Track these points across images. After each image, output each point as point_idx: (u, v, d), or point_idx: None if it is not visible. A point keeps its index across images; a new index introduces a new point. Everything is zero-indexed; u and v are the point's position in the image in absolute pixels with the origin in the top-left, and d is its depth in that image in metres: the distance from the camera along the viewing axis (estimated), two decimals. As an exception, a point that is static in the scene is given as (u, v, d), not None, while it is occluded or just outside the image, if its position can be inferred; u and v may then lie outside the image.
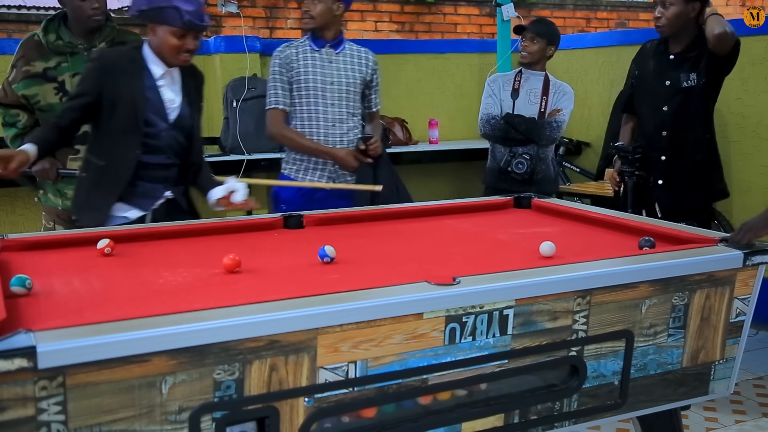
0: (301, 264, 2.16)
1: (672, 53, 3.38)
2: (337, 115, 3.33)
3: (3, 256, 2.16)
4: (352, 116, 3.39)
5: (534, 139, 3.76)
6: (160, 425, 1.47)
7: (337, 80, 3.32)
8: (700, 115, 3.41)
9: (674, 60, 3.37)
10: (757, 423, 3.02)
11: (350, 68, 3.36)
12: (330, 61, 3.32)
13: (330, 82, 3.30)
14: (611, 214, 2.70)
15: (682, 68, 3.34)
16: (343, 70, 3.34)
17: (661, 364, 2.09)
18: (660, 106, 3.40)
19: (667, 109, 3.38)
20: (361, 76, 3.40)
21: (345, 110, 3.35)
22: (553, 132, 3.77)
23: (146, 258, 2.23)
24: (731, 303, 2.15)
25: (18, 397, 1.34)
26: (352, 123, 3.39)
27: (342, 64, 3.34)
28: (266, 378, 1.56)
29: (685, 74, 3.33)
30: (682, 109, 3.36)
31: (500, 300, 1.78)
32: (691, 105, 3.36)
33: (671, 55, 3.39)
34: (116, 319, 1.49)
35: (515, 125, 3.75)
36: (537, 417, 1.92)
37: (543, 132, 3.75)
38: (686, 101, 3.35)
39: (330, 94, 3.31)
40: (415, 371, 1.71)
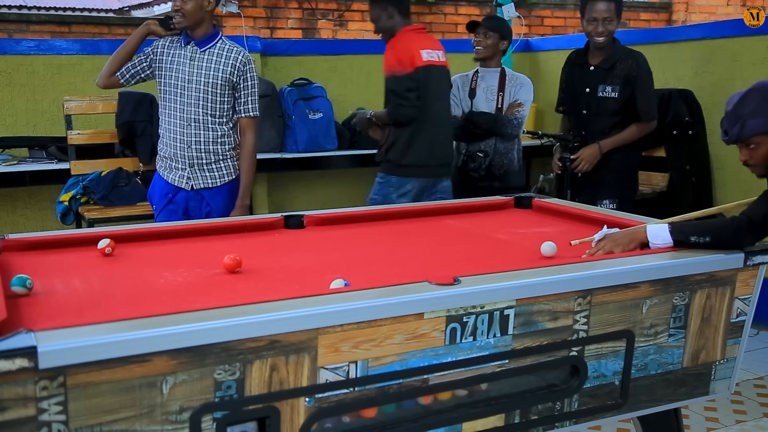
0: (302, 264, 2.16)
1: (592, 64, 3.71)
2: (193, 115, 3.17)
3: (3, 256, 2.16)
4: (214, 117, 3.20)
5: (497, 135, 3.86)
6: (160, 425, 1.48)
7: (197, 79, 3.16)
8: (616, 122, 3.69)
9: (593, 71, 3.69)
10: (758, 423, 3.03)
11: (213, 67, 3.17)
12: (192, 59, 3.17)
13: (188, 80, 3.16)
14: (611, 214, 2.70)
15: (600, 79, 3.66)
16: (205, 69, 3.16)
17: (662, 364, 2.09)
18: (581, 110, 3.74)
19: (586, 112, 3.72)
20: (224, 76, 3.18)
21: (203, 111, 3.17)
22: (514, 129, 3.89)
23: (147, 258, 2.23)
24: (732, 303, 2.16)
25: (19, 397, 1.34)
26: (212, 126, 3.20)
27: (205, 63, 3.17)
28: (267, 378, 1.56)
29: (602, 85, 3.65)
30: (597, 114, 3.68)
31: (501, 300, 1.78)
32: (606, 112, 3.66)
33: (591, 66, 3.71)
34: (117, 319, 1.49)
35: (478, 123, 3.84)
36: (538, 417, 1.92)
37: (505, 128, 3.86)
38: (601, 108, 3.66)
39: (188, 93, 3.16)
40: (415, 371, 1.71)
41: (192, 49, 3.18)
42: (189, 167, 3.22)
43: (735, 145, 2.27)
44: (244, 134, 3.30)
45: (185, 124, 3.18)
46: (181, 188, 3.25)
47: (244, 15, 5.25)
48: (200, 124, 3.18)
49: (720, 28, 4.44)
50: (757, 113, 2.18)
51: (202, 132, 3.19)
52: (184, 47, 3.19)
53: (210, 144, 3.21)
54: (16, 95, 4.27)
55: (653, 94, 3.71)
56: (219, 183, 3.27)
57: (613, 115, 3.64)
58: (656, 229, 2.16)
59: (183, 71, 3.16)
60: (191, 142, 3.19)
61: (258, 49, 4.76)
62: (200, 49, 3.18)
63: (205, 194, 3.26)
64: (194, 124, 3.17)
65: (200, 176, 3.24)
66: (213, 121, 3.20)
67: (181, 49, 3.19)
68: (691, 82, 4.21)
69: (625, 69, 3.61)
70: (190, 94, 3.16)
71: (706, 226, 2.15)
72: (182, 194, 3.25)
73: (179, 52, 3.19)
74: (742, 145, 2.25)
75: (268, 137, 4.36)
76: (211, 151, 3.22)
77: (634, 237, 2.17)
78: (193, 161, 3.21)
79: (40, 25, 5.09)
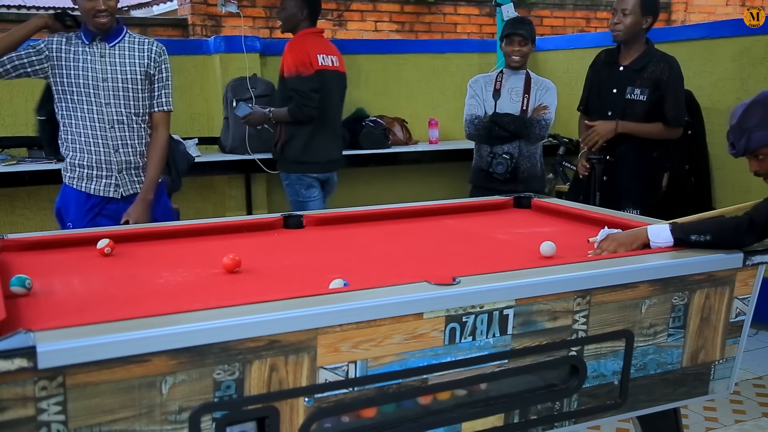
0: (301, 264, 2.16)
1: (622, 65, 3.59)
2: (115, 116, 2.95)
3: (2, 257, 2.16)
4: (135, 116, 3.00)
5: (523, 137, 3.79)
6: (160, 425, 1.48)
7: (112, 77, 2.93)
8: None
9: (623, 71, 3.58)
10: (757, 423, 3.03)
11: (128, 62, 2.95)
12: (102, 56, 2.92)
13: (102, 79, 2.91)
14: (611, 214, 2.70)
15: (629, 80, 3.55)
16: (119, 65, 2.94)
17: (661, 363, 2.09)
18: (606, 111, 3.61)
19: (612, 114, 3.58)
20: (143, 69, 2.98)
21: (125, 110, 2.96)
22: (542, 130, 3.81)
23: (146, 258, 2.23)
24: (731, 303, 2.16)
25: (18, 397, 1.34)
26: (136, 125, 3.01)
27: (118, 58, 2.94)
28: (266, 378, 1.56)
29: (631, 87, 3.54)
30: (623, 117, 3.55)
31: (500, 300, 1.78)
32: (633, 116, 3.54)
33: (621, 66, 3.59)
34: (116, 319, 1.49)
35: (503, 124, 3.77)
36: (537, 417, 1.92)
37: (532, 130, 3.78)
38: (629, 111, 3.55)
39: (104, 92, 2.92)
40: (414, 371, 1.71)
41: (100, 45, 2.93)
42: (117, 173, 2.99)
43: (743, 157, 2.29)
44: (157, 129, 3.07)
45: (107, 126, 2.94)
46: (110, 198, 3.01)
47: (243, 15, 5.25)
48: (124, 126, 2.97)
49: (719, 28, 4.44)
50: (762, 125, 2.20)
51: (127, 134, 2.98)
52: (89, 45, 2.92)
53: (137, 145, 3.02)
54: (15, 95, 4.28)
55: (683, 100, 3.60)
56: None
57: (640, 119, 3.52)
58: (657, 228, 2.17)
59: (94, 69, 2.91)
60: (117, 146, 2.97)
61: (257, 49, 4.77)
62: (109, 44, 2.94)
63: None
64: (117, 126, 2.95)
65: (129, 182, 3.03)
66: (136, 120, 3.00)
67: (85, 46, 2.92)
68: (690, 82, 4.20)
69: (656, 72, 3.49)
70: (107, 93, 2.93)
71: (707, 225, 2.16)
72: (112, 205, 3.00)
73: (84, 50, 2.92)
74: (751, 157, 2.27)
75: (268, 136, 4.36)
76: (139, 152, 3.03)
77: (636, 237, 2.18)
78: (122, 166, 3.00)
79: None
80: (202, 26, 5.32)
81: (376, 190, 4.99)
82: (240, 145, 4.46)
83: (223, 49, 4.71)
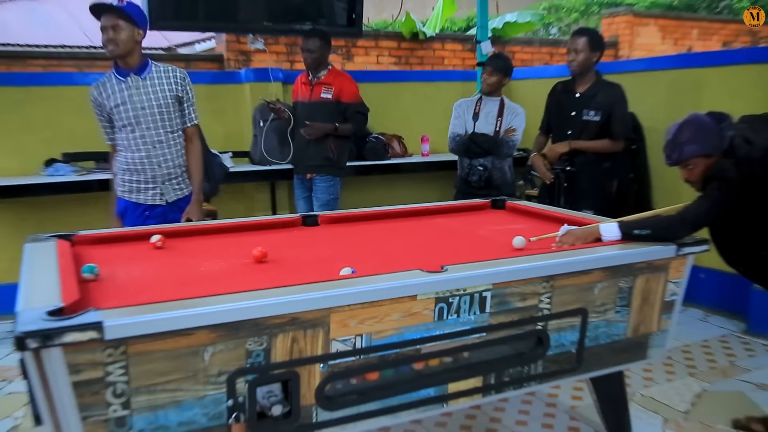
0: (317, 255, 2.17)
1: (578, 92, 3.61)
2: (155, 137, 2.91)
3: (76, 249, 2.17)
4: (171, 134, 2.95)
5: (494, 154, 3.83)
6: (203, 386, 1.49)
7: (149, 104, 2.88)
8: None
9: (579, 98, 3.60)
10: (684, 381, 3.03)
11: (160, 90, 2.91)
12: (137, 87, 2.87)
13: (141, 108, 2.87)
14: (571, 214, 2.70)
15: (585, 105, 3.57)
16: (152, 93, 2.89)
17: (610, 335, 2.10)
18: (566, 130, 3.63)
19: (571, 133, 3.61)
20: (172, 94, 2.93)
21: (163, 131, 2.92)
22: (510, 149, 3.85)
23: (190, 250, 2.24)
24: (666, 285, 2.16)
25: (89, 362, 1.36)
26: (173, 141, 2.96)
27: (150, 87, 2.90)
28: (289, 348, 1.57)
29: (587, 110, 3.56)
30: (581, 135, 3.58)
31: (480, 284, 1.79)
32: (588, 133, 3.56)
33: (577, 93, 3.61)
34: (167, 299, 1.50)
35: (479, 142, 3.83)
36: (509, 379, 1.93)
37: (502, 149, 3.83)
38: (585, 130, 3.56)
39: (144, 118, 2.88)
40: (410, 342, 1.72)
41: (134, 79, 2.87)
42: (161, 184, 2.96)
43: (676, 166, 2.29)
44: (191, 141, 3.04)
45: (150, 147, 2.91)
46: (156, 204, 2.98)
47: (269, 51, 5.24)
48: (164, 143, 2.93)
49: (656, 62, 4.43)
50: (691, 141, 2.21)
51: (167, 150, 2.94)
52: (124, 81, 2.87)
53: (176, 158, 2.98)
54: (84, 118, 4.23)
55: (627, 119, 3.62)
56: (188, 192, 3.05)
57: (595, 136, 3.55)
58: (608, 225, 2.18)
59: (133, 101, 2.86)
60: (160, 162, 2.93)
61: (280, 78, 4.75)
62: (140, 77, 2.89)
63: (180, 203, 3.03)
64: (158, 145, 2.92)
65: (172, 189, 2.99)
66: (173, 137, 2.96)
67: (121, 83, 2.87)
68: (634, 106, 4.19)
69: (607, 97, 3.52)
70: (146, 119, 2.88)
71: (648, 223, 2.17)
72: (159, 209, 2.98)
73: (120, 86, 2.87)
74: (682, 167, 2.28)
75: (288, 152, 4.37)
76: (178, 164, 2.99)
77: (590, 232, 2.18)
78: (165, 178, 2.96)
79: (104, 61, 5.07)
80: (235, 60, 5.31)
81: (377, 195, 4.98)
82: (265, 158, 4.46)
83: (252, 79, 4.70)
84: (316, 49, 3.90)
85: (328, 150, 3.96)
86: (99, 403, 1.38)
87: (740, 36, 8.24)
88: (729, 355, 3.38)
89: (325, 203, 3.99)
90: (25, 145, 4.17)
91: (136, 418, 1.42)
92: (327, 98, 3.93)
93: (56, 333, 1.30)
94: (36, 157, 4.18)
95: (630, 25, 7.68)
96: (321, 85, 3.95)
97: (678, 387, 3.00)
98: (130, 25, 2.80)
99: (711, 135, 2.21)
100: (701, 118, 2.26)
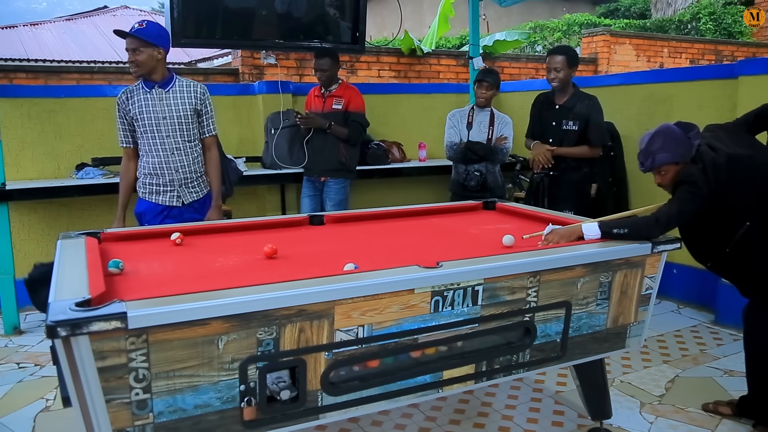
0: (323, 252, 2.15)
1: (558, 104, 3.61)
2: (173, 144, 2.92)
3: (103, 245, 2.16)
4: (189, 143, 2.96)
5: (489, 160, 3.84)
6: (217, 372, 1.47)
7: (169, 115, 2.90)
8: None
9: (559, 109, 3.60)
10: (659, 368, 3.02)
11: (180, 102, 2.93)
12: (161, 99, 2.90)
13: (163, 118, 2.89)
14: (554, 214, 2.69)
15: (564, 115, 3.57)
16: (174, 105, 2.92)
17: (591, 326, 2.08)
18: (548, 139, 3.63)
19: (552, 141, 3.61)
20: (192, 107, 2.95)
21: (181, 140, 2.93)
22: (503, 155, 3.87)
23: (206, 247, 2.22)
24: (642, 280, 2.15)
25: (114, 349, 1.35)
26: (190, 149, 2.97)
27: (172, 100, 2.92)
28: (296, 337, 1.55)
29: (566, 120, 3.56)
30: (561, 143, 3.58)
31: (473, 279, 1.77)
32: (568, 141, 3.57)
33: (557, 105, 3.61)
34: (185, 292, 1.49)
35: (476, 150, 3.83)
36: (499, 366, 1.92)
37: (496, 155, 3.84)
38: (565, 138, 3.57)
39: (164, 127, 2.89)
40: (408, 332, 1.71)
41: (158, 91, 2.90)
42: (179, 187, 2.97)
43: (650, 172, 2.28)
44: (209, 150, 3.05)
45: (168, 153, 2.92)
46: (173, 206, 2.99)
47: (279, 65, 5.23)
48: (181, 151, 2.94)
49: (632, 77, 4.42)
50: (663, 149, 2.21)
51: (184, 157, 2.95)
52: (149, 92, 2.90)
53: (192, 165, 2.99)
54: (113, 126, 4.21)
55: (603, 127, 3.61)
56: (203, 194, 3.06)
57: (574, 143, 3.55)
58: (589, 225, 2.16)
59: (155, 111, 2.89)
60: (178, 167, 2.94)
61: (290, 90, 4.74)
62: (164, 90, 2.91)
63: (195, 205, 3.04)
64: (176, 152, 2.93)
65: (188, 192, 3.00)
66: (190, 146, 2.97)
67: (146, 93, 2.90)
68: (613, 116, 4.18)
69: (583, 108, 3.52)
70: (167, 128, 2.90)
71: (625, 222, 2.16)
72: (176, 210, 2.99)
73: (146, 96, 2.90)
74: (655, 173, 2.27)
75: (297, 157, 4.35)
76: (194, 170, 3.00)
77: (573, 231, 2.17)
78: (182, 182, 2.97)
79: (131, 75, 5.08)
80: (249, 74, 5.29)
81: (378, 196, 4.97)
82: (275, 162, 4.45)
83: (264, 91, 4.68)
84: (328, 68, 3.93)
85: (341, 155, 3.97)
86: (122, 387, 1.37)
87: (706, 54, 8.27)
88: (699, 344, 3.36)
89: (338, 203, 4.01)
90: (59, 151, 4.18)
91: (156, 401, 1.41)
92: (338, 109, 3.96)
93: (84, 322, 1.29)
94: (68, 161, 4.18)
95: (608, 44, 7.67)
96: (333, 97, 3.98)
97: (653, 373, 2.98)
98: (149, 47, 2.82)
99: (680, 144, 2.20)
100: (671, 128, 2.25)
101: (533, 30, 10.34)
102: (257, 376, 1.52)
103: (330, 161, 3.98)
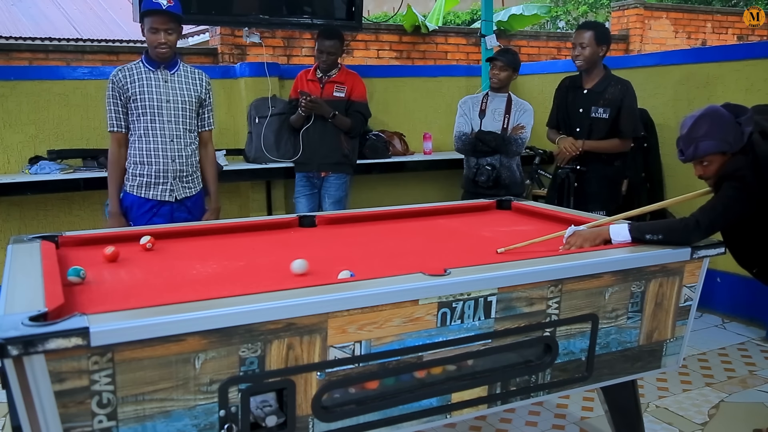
0: (314, 257, 2.15)
1: (585, 88, 3.60)
2: (174, 131, 3.00)
3: (61, 251, 2.16)
4: (189, 132, 3.06)
5: (502, 152, 3.81)
6: (194, 395, 1.47)
7: (173, 99, 2.99)
8: (605, 139, 3.59)
9: (587, 94, 3.59)
10: (701, 391, 3.02)
11: (186, 88, 3.04)
12: (165, 80, 2.99)
13: (166, 101, 2.98)
14: (575, 214, 2.70)
15: (593, 101, 3.56)
16: (179, 89, 3.01)
17: (621, 342, 2.08)
18: (574, 128, 3.62)
19: (579, 131, 3.60)
20: (197, 95, 3.07)
21: (182, 127, 3.02)
22: (519, 147, 3.83)
23: (182, 252, 2.23)
24: (680, 290, 2.15)
25: (74, 370, 1.35)
26: (189, 140, 3.07)
27: (177, 84, 3.02)
28: (284, 355, 1.55)
29: (595, 107, 3.55)
30: (589, 133, 3.57)
31: (485, 288, 1.78)
32: (597, 131, 3.55)
33: (585, 89, 3.60)
34: (157, 304, 1.49)
35: (487, 141, 3.81)
36: (516, 388, 1.92)
37: (510, 147, 3.81)
38: (594, 127, 3.56)
39: (167, 111, 2.98)
40: (411, 349, 1.71)
41: (163, 72, 2.99)
42: (173, 180, 3.03)
43: (691, 162, 2.26)
44: (206, 146, 3.17)
45: (167, 140, 2.99)
46: (164, 201, 3.05)
47: (264, 44, 5.24)
48: (181, 140, 3.02)
49: (669, 56, 4.43)
50: (708, 136, 2.17)
51: (183, 146, 3.03)
52: (154, 72, 2.99)
53: (189, 156, 3.07)
54: (72, 114, 4.26)
55: (636, 116, 3.60)
56: (195, 191, 3.14)
57: (604, 134, 3.53)
58: (618, 227, 2.16)
59: (159, 92, 2.97)
60: (175, 157, 3.01)
61: (277, 74, 4.75)
62: (170, 72, 3.01)
63: (187, 203, 3.11)
64: (176, 140, 3.01)
65: (181, 187, 3.07)
66: (190, 135, 3.06)
67: (150, 73, 2.98)
68: (646, 102, 4.19)
69: (615, 93, 3.51)
70: (169, 112, 2.98)
71: (660, 226, 2.15)
72: (166, 208, 3.05)
73: (149, 76, 2.98)
74: (697, 163, 2.25)
75: (285, 149, 4.36)
76: (190, 163, 3.08)
77: (599, 234, 2.17)
78: (176, 174, 3.04)
79: (92, 54, 5.06)
80: (230, 54, 5.31)
81: (378, 194, 4.98)
82: (261, 156, 4.45)
83: (247, 74, 4.69)
84: (336, 51, 3.91)
85: (344, 147, 3.98)
86: (83, 414, 1.37)
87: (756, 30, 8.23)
88: (748, 364, 3.37)
89: (337, 200, 4.02)
90: (9, 142, 4.17)
91: (123, 429, 1.41)
92: (340, 96, 3.95)
93: (39, 339, 1.29)
94: (20, 154, 4.18)
95: (641, 19, 7.68)
96: (333, 83, 3.96)
97: (694, 397, 2.99)
98: (179, 26, 2.96)
99: (729, 130, 2.17)
100: (719, 111, 2.21)
101: (555, 3, 10.36)
102: (239, 399, 1.52)
103: (331, 154, 3.97)
